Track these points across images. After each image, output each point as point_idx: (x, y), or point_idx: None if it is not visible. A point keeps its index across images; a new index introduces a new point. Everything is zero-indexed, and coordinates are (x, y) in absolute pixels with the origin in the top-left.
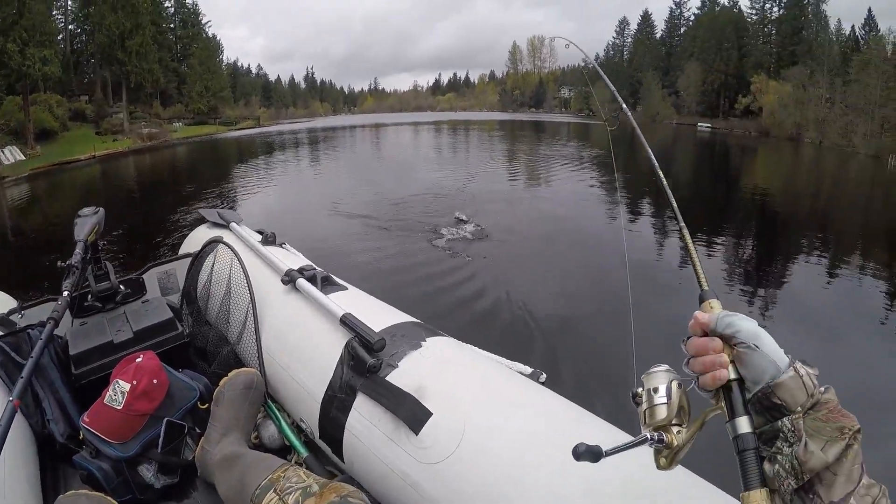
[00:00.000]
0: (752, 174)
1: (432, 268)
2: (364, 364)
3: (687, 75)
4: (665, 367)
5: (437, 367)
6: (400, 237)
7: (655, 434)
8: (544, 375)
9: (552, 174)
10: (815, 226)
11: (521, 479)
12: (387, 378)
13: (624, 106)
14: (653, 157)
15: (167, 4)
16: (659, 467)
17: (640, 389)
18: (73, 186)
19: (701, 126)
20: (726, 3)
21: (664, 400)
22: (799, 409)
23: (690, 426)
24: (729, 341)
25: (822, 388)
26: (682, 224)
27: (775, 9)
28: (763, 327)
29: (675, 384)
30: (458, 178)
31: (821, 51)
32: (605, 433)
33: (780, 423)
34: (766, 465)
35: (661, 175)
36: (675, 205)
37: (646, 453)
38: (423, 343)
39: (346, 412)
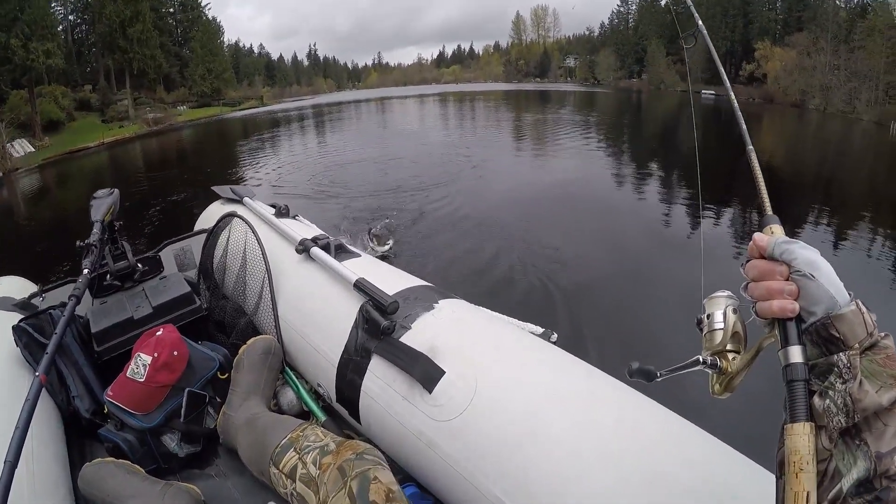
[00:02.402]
0: (756, 141)
1: (443, 234)
2: (378, 326)
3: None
4: (727, 292)
5: (450, 328)
6: (410, 206)
7: (709, 358)
8: (555, 335)
9: (559, 140)
10: (820, 193)
11: (532, 432)
12: (400, 339)
13: (700, 23)
14: (720, 64)
15: None
16: (713, 393)
17: (703, 315)
18: (86, 173)
19: (705, 93)
20: None
21: (720, 325)
22: (857, 345)
23: (746, 353)
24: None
25: (883, 333)
26: (750, 146)
27: None
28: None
29: (730, 309)
30: (463, 146)
31: (825, 17)
32: (614, 389)
33: (835, 357)
34: (816, 400)
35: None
36: (744, 126)
37: (659, 417)
38: (435, 305)
39: (362, 374)
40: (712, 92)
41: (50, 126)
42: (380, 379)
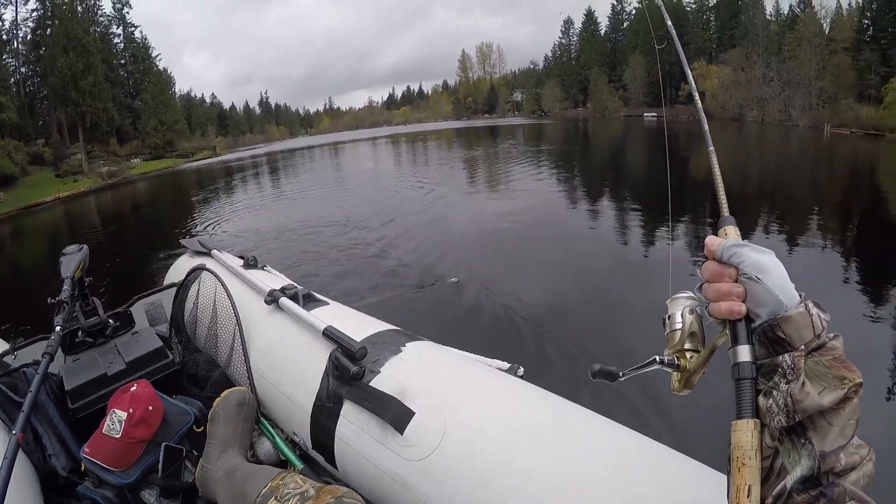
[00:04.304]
0: (701, 157)
1: (405, 275)
2: (348, 372)
3: (632, 68)
4: (687, 293)
5: (418, 370)
6: (371, 247)
7: (666, 358)
8: (522, 369)
9: (512, 172)
10: (766, 198)
11: (503, 466)
12: (370, 384)
13: (669, 22)
14: (686, 63)
15: (116, 41)
16: (673, 390)
17: (665, 316)
18: (45, 228)
19: (647, 116)
20: None
21: (679, 325)
22: (802, 347)
23: (703, 352)
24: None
25: (832, 335)
26: (711, 147)
27: None
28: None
29: (687, 310)
30: (418, 185)
31: (756, 32)
32: (582, 417)
33: (780, 358)
34: (761, 399)
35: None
36: (706, 126)
37: (629, 440)
38: (403, 348)
39: (335, 420)
40: (654, 114)
41: (4, 181)
42: (353, 423)
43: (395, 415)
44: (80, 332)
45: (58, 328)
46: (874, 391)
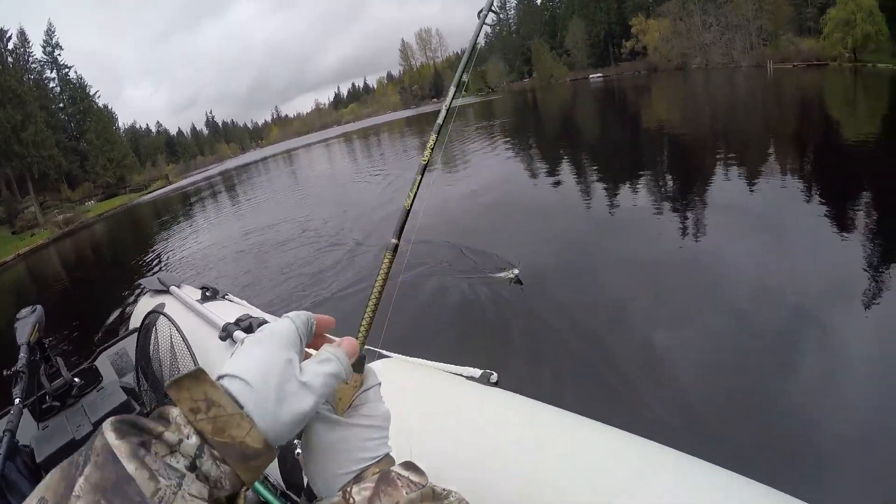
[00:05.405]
0: (650, 110)
1: (367, 283)
2: None
3: (572, 33)
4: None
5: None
6: (335, 256)
7: None
8: (495, 375)
9: (467, 153)
10: (722, 140)
11: (478, 488)
12: None
13: None
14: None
15: (52, 85)
16: None
17: None
18: (9, 289)
19: (593, 77)
20: None
21: None
22: None
23: None
24: None
25: None
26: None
27: None
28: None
29: None
30: (374, 180)
31: None
32: (562, 426)
33: None
34: None
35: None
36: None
37: (610, 437)
38: None
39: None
40: (600, 74)
41: None
42: None
43: None
44: (47, 398)
45: (17, 400)
46: (850, 312)
